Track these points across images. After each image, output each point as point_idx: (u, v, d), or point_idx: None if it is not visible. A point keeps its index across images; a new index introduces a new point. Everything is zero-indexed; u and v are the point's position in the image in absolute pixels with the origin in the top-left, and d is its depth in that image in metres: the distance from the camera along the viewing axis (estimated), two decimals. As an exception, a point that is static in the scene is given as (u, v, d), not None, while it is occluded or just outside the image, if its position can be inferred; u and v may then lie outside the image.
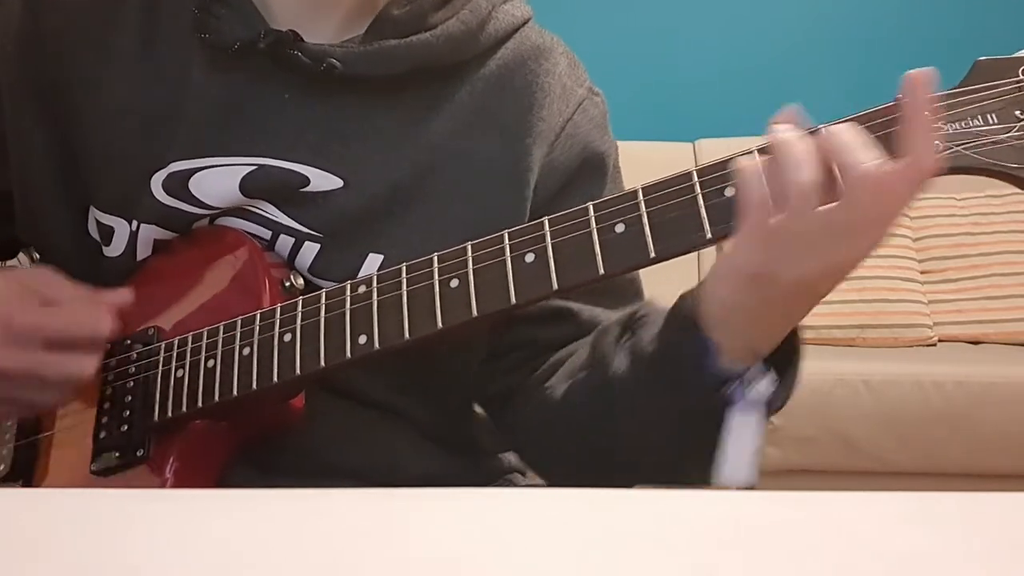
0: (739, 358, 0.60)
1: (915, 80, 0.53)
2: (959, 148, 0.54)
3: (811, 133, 0.55)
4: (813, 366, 2.43)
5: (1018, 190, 0.55)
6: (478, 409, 0.85)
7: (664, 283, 0.62)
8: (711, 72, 2.89)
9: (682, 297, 0.63)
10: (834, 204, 0.53)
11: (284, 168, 0.72)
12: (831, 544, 0.39)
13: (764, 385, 0.59)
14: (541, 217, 0.75)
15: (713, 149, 2.72)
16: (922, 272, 2.43)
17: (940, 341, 2.37)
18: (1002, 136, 0.54)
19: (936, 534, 0.40)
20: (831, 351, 2.27)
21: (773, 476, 2.10)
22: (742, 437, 0.58)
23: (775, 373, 0.60)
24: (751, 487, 0.57)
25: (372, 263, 0.72)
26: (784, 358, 0.61)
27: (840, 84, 2.82)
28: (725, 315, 0.59)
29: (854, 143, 0.53)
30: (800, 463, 2.07)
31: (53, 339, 0.68)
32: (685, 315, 0.61)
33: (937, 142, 0.54)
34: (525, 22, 0.80)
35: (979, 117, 0.54)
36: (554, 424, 0.73)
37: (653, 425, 0.65)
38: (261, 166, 0.72)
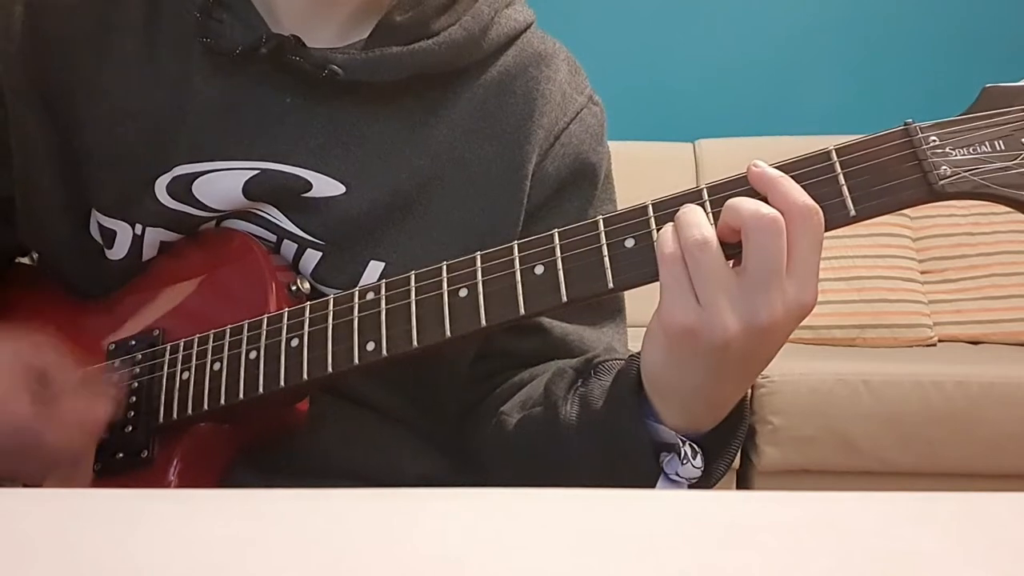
0: (677, 425, 0.60)
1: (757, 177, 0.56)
2: (966, 174, 0.54)
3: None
4: (813, 366, 2.42)
5: None
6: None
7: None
8: (711, 72, 2.89)
9: (632, 357, 0.63)
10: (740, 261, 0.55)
11: (286, 172, 0.72)
12: (831, 544, 0.39)
13: (691, 469, 0.60)
14: (530, 224, 0.75)
15: (713, 149, 2.72)
16: (922, 272, 2.43)
17: (940, 341, 2.37)
18: (1009, 163, 0.54)
19: (936, 534, 0.40)
20: (831, 351, 2.27)
21: (773, 476, 2.10)
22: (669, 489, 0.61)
23: (703, 459, 0.61)
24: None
25: (373, 270, 0.72)
26: (721, 439, 0.62)
27: (840, 84, 2.83)
28: (657, 376, 0.59)
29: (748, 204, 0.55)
30: (800, 463, 2.07)
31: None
32: (631, 376, 0.62)
33: (945, 167, 0.54)
34: (528, 27, 0.79)
35: (987, 144, 0.54)
36: (506, 450, 0.73)
37: (592, 468, 0.65)
38: (264, 170, 0.72)
